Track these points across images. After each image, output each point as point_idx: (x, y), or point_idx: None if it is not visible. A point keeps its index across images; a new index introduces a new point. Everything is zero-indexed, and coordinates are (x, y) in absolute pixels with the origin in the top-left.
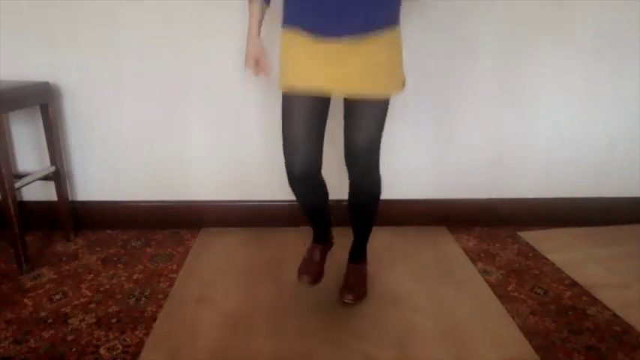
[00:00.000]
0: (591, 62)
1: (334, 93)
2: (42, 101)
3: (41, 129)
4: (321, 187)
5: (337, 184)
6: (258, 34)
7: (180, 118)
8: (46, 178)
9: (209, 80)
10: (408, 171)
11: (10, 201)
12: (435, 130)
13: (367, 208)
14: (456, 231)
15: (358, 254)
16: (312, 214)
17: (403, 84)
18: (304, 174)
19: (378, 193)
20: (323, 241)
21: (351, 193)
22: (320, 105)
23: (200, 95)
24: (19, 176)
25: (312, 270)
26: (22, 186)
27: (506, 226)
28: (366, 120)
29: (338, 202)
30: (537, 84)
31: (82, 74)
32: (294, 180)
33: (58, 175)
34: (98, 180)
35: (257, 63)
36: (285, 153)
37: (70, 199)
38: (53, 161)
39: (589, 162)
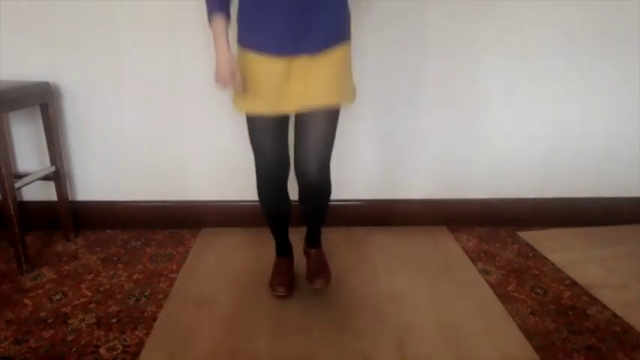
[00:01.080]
0: (591, 62)
1: (292, 110)
2: (42, 101)
3: (41, 129)
4: (287, 197)
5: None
6: (229, 46)
7: (180, 118)
8: (46, 178)
9: (209, 80)
10: (408, 171)
11: (10, 201)
12: (434, 131)
13: (318, 207)
14: (456, 231)
15: (315, 239)
16: (278, 223)
17: (354, 94)
18: (275, 179)
19: (329, 194)
20: (286, 254)
21: (301, 196)
22: (281, 120)
23: (200, 95)
24: (19, 176)
25: (285, 280)
26: (22, 186)
27: (506, 226)
28: (317, 131)
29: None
30: (537, 84)
31: (82, 74)
32: (264, 186)
33: (58, 175)
34: (98, 180)
35: (232, 75)
36: (254, 156)
37: (70, 199)
38: (53, 161)
39: (589, 162)
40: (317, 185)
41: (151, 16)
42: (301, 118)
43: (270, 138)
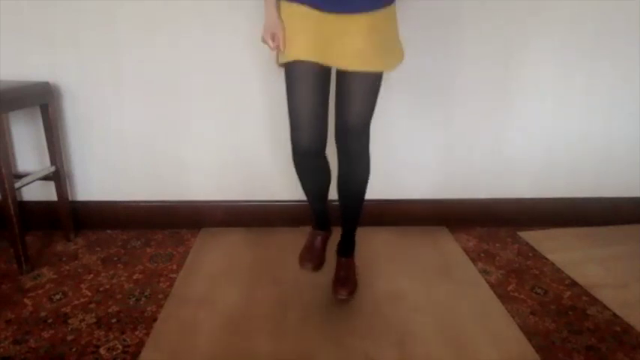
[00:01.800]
0: (591, 62)
1: (335, 66)
2: (42, 101)
3: (41, 129)
4: (324, 166)
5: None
6: (277, 7)
7: (180, 118)
8: (46, 178)
9: (209, 80)
10: (408, 171)
11: (10, 201)
12: (434, 130)
13: (356, 195)
14: (456, 231)
15: (347, 247)
16: (314, 195)
17: (402, 56)
18: (309, 150)
19: (367, 177)
20: (323, 227)
21: (340, 179)
22: (322, 77)
23: (200, 95)
24: (19, 176)
25: (315, 256)
26: (22, 186)
27: (506, 226)
28: (359, 95)
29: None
30: (537, 84)
31: (82, 74)
32: (299, 156)
33: (58, 175)
34: (98, 180)
35: (273, 37)
36: (291, 129)
37: (70, 199)
38: (53, 161)
39: (589, 162)
40: (355, 150)
41: (151, 16)
42: (343, 79)
43: (309, 96)
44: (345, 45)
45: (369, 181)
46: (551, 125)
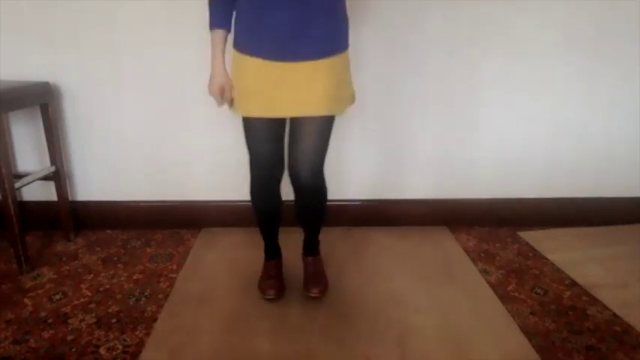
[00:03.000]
0: (591, 62)
1: (287, 115)
2: (42, 101)
3: (41, 129)
4: (280, 200)
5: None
6: (223, 61)
7: (180, 118)
8: (46, 178)
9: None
10: (408, 171)
11: (10, 201)
12: (435, 131)
13: (315, 214)
14: (456, 231)
15: (312, 247)
16: (269, 225)
17: (353, 98)
18: (268, 179)
19: (324, 199)
20: (275, 256)
21: (297, 204)
22: (277, 123)
23: (200, 95)
24: (19, 176)
25: (275, 285)
26: (22, 186)
27: (506, 226)
28: (310, 138)
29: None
30: (537, 84)
31: (82, 74)
32: (258, 187)
33: (58, 175)
34: (98, 180)
35: (222, 92)
36: (250, 164)
37: (70, 199)
38: (53, 161)
39: (589, 162)
40: (311, 188)
41: (151, 16)
42: (295, 123)
43: (265, 141)
44: (297, 93)
45: (370, 181)
46: (552, 125)
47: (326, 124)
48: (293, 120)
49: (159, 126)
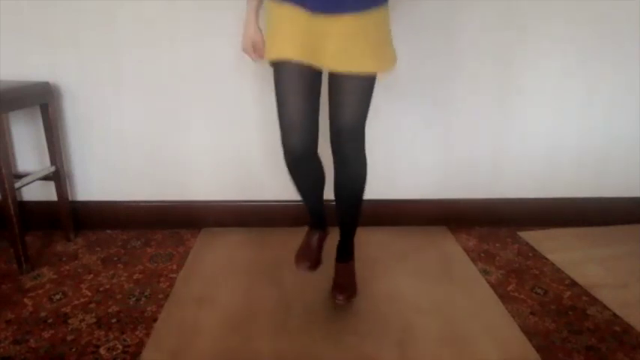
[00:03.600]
0: (592, 62)
1: (324, 67)
2: (42, 101)
3: (41, 129)
4: (318, 167)
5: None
6: (257, 17)
7: (180, 118)
8: (46, 178)
9: (209, 80)
10: (408, 171)
11: (10, 201)
12: (435, 130)
13: (353, 199)
14: (456, 231)
15: (345, 252)
16: (310, 196)
17: (395, 60)
18: (300, 152)
19: (364, 180)
20: (320, 226)
21: (337, 183)
22: (312, 77)
23: (200, 95)
24: (19, 176)
25: (311, 256)
26: (22, 186)
27: (506, 226)
28: (351, 97)
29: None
30: (537, 84)
31: (82, 74)
32: (291, 159)
33: (58, 175)
34: (98, 180)
35: (254, 47)
36: (281, 131)
37: (70, 199)
38: (53, 161)
39: (589, 162)
40: (350, 153)
41: (151, 16)
42: (335, 81)
43: (298, 97)
44: (334, 46)
45: (370, 181)
46: (551, 125)
47: (369, 82)
48: (332, 78)
49: (159, 126)
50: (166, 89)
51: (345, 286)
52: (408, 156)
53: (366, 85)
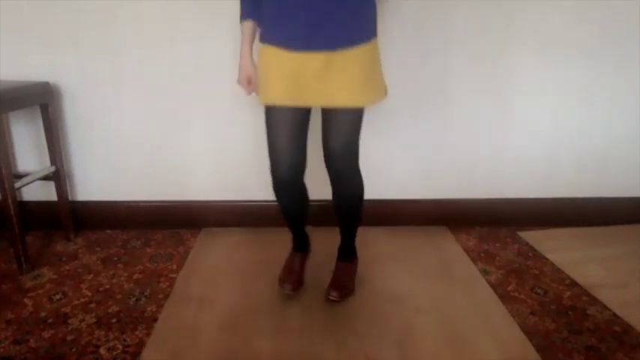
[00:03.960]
0: (591, 62)
1: (314, 105)
2: (42, 101)
3: (41, 129)
4: (303, 194)
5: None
6: (251, 52)
7: (180, 118)
8: (46, 178)
9: (209, 80)
10: (408, 171)
11: (10, 201)
12: (435, 131)
13: (350, 210)
14: (456, 231)
15: (346, 253)
16: (294, 220)
17: (385, 92)
18: (289, 181)
19: (361, 194)
20: (302, 249)
21: (334, 197)
22: (301, 115)
23: (200, 95)
24: (19, 176)
25: (294, 279)
26: (22, 186)
27: (506, 226)
28: (342, 125)
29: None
30: (537, 84)
31: (82, 74)
32: (279, 187)
33: (58, 175)
34: (98, 180)
35: (249, 81)
36: (270, 161)
37: (70, 199)
38: (53, 161)
39: (589, 162)
40: (345, 177)
41: (151, 16)
42: (326, 114)
43: (286, 134)
44: (324, 84)
45: (370, 181)
46: (551, 125)
47: (355, 116)
48: (324, 111)
49: (159, 126)
50: (166, 89)
51: (341, 284)
52: (408, 156)
53: (355, 116)
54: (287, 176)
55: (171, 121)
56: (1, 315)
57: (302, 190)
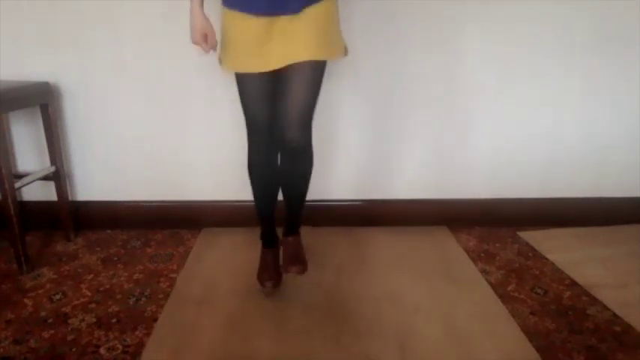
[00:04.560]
0: (592, 62)
1: (276, 65)
2: (42, 101)
3: (41, 129)
4: (275, 174)
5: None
6: (202, 6)
7: (180, 118)
8: (46, 178)
9: (209, 80)
10: (408, 171)
11: (10, 201)
12: (435, 130)
13: (302, 185)
14: (456, 231)
15: (293, 226)
16: (265, 205)
17: (345, 50)
18: (266, 136)
19: (310, 167)
20: (272, 244)
21: (284, 173)
22: (269, 80)
23: (200, 95)
24: (19, 176)
25: (272, 274)
26: (22, 186)
27: (506, 226)
28: (300, 86)
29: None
30: (537, 84)
31: (82, 74)
32: (258, 154)
33: (58, 175)
34: (98, 180)
35: (204, 38)
36: (247, 129)
37: (70, 199)
38: (53, 161)
39: (589, 162)
40: (298, 147)
41: (151, 16)
42: (284, 77)
43: (259, 99)
44: (284, 43)
45: (370, 180)
46: (551, 125)
47: (314, 72)
48: (281, 75)
49: (159, 126)
50: (166, 89)
51: (296, 257)
52: (408, 156)
53: (311, 76)
54: (265, 137)
55: (171, 120)
56: (1, 315)
57: (274, 168)
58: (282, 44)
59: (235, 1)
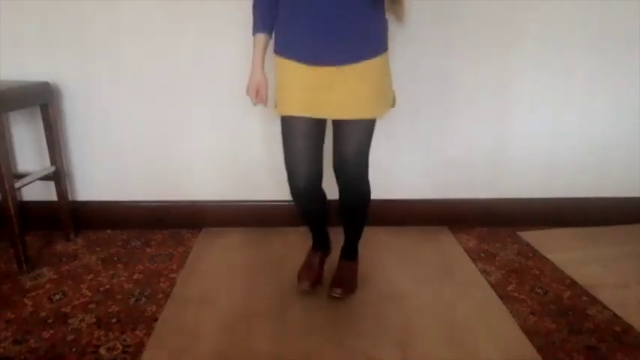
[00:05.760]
0: (592, 62)
1: (327, 117)
2: (42, 101)
3: (41, 129)
4: (322, 198)
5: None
6: (263, 63)
7: (180, 118)
8: (46, 178)
9: (210, 80)
10: (408, 171)
11: (10, 201)
12: (435, 131)
13: (357, 214)
14: (456, 231)
15: (349, 252)
16: (313, 223)
17: (394, 102)
18: (307, 189)
19: (368, 200)
20: (322, 248)
21: (341, 201)
22: (317, 125)
23: (201, 95)
24: (19, 176)
25: (312, 276)
26: (22, 186)
27: (506, 226)
28: (353, 135)
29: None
30: (537, 84)
31: (82, 74)
32: (297, 195)
33: (58, 175)
34: (98, 180)
35: (256, 93)
36: (287, 171)
37: (70, 199)
38: (53, 161)
39: (589, 162)
40: (354, 184)
41: (152, 16)
42: (337, 124)
43: (303, 145)
44: (336, 96)
45: (371, 180)
46: (552, 125)
47: (366, 126)
48: (335, 121)
49: (159, 126)
50: (166, 89)
51: (344, 280)
52: (408, 156)
53: (366, 127)
54: (304, 185)
55: (171, 121)
56: (1, 315)
57: (320, 193)
58: (335, 97)
59: (284, 49)
